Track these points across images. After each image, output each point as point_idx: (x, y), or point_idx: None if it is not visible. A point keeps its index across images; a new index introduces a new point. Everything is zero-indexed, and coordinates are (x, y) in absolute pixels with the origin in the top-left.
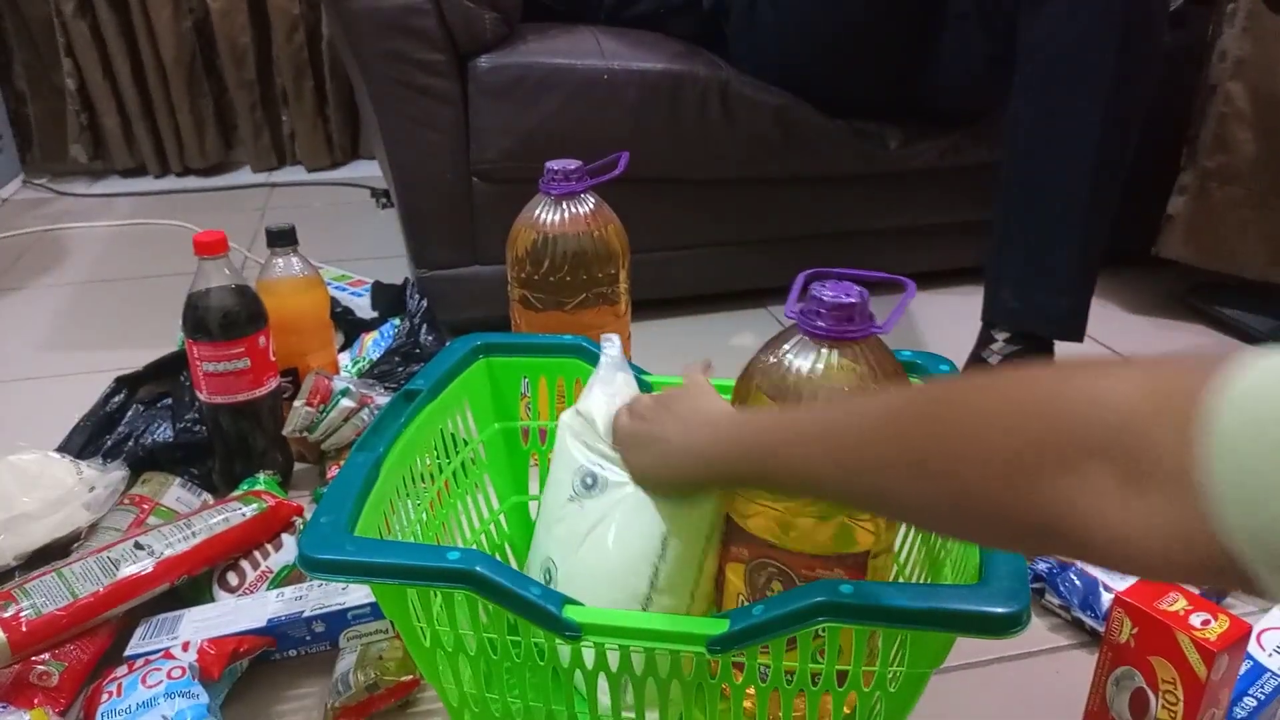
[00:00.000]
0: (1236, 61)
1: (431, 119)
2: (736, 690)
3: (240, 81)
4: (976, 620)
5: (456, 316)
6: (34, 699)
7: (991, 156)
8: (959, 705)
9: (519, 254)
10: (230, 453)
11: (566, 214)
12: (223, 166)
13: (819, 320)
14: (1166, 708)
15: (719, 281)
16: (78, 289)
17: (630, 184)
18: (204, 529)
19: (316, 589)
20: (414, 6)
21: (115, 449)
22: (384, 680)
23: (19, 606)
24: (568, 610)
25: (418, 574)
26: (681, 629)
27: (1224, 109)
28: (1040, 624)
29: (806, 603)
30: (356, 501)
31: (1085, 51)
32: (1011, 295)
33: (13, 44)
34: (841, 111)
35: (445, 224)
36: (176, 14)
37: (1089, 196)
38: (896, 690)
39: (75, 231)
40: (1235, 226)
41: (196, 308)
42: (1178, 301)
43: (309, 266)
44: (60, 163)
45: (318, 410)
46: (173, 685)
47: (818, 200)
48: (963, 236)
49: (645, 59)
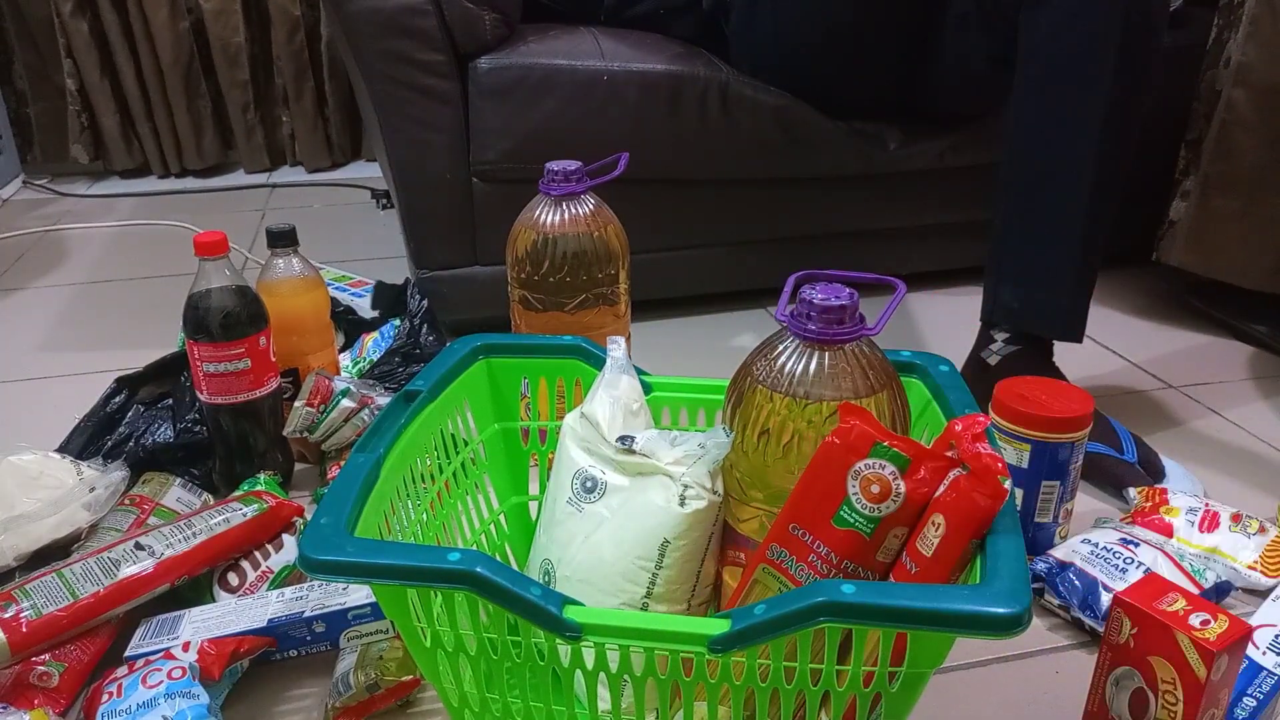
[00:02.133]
0: (1239, 67)
1: (432, 119)
2: (736, 690)
3: (233, 82)
4: (977, 620)
5: (457, 317)
6: (34, 700)
7: (990, 157)
8: (959, 705)
9: (519, 254)
10: (231, 453)
11: (566, 214)
12: (223, 167)
13: (809, 323)
14: (1166, 708)
15: (718, 282)
16: (78, 290)
17: (630, 184)
18: (204, 529)
19: (317, 589)
20: (414, 7)
21: (116, 449)
22: (384, 680)
23: (19, 607)
24: (568, 611)
25: (418, 575)
26: (683, 629)
27: (1225, 115)
28: (1039, 624)
29: (807, 603)
30: (357, 502)
31: (1085, 52)
32: (1011, 295)
33: (13, 44)
34: (841, 112)
35: (445, 224)
36: (174, 15)
37: (1088, 197)
38: (896, 690)
39: (76, 232)
40: (1235, 235)
41: (197, 308)
42: (1178, 302)
43: (309, 267)
44: (60, 163)
45: (318, 411)
46: (173, 685)
47: (817, 200)
48: (962, 236)
49: (645, 60)
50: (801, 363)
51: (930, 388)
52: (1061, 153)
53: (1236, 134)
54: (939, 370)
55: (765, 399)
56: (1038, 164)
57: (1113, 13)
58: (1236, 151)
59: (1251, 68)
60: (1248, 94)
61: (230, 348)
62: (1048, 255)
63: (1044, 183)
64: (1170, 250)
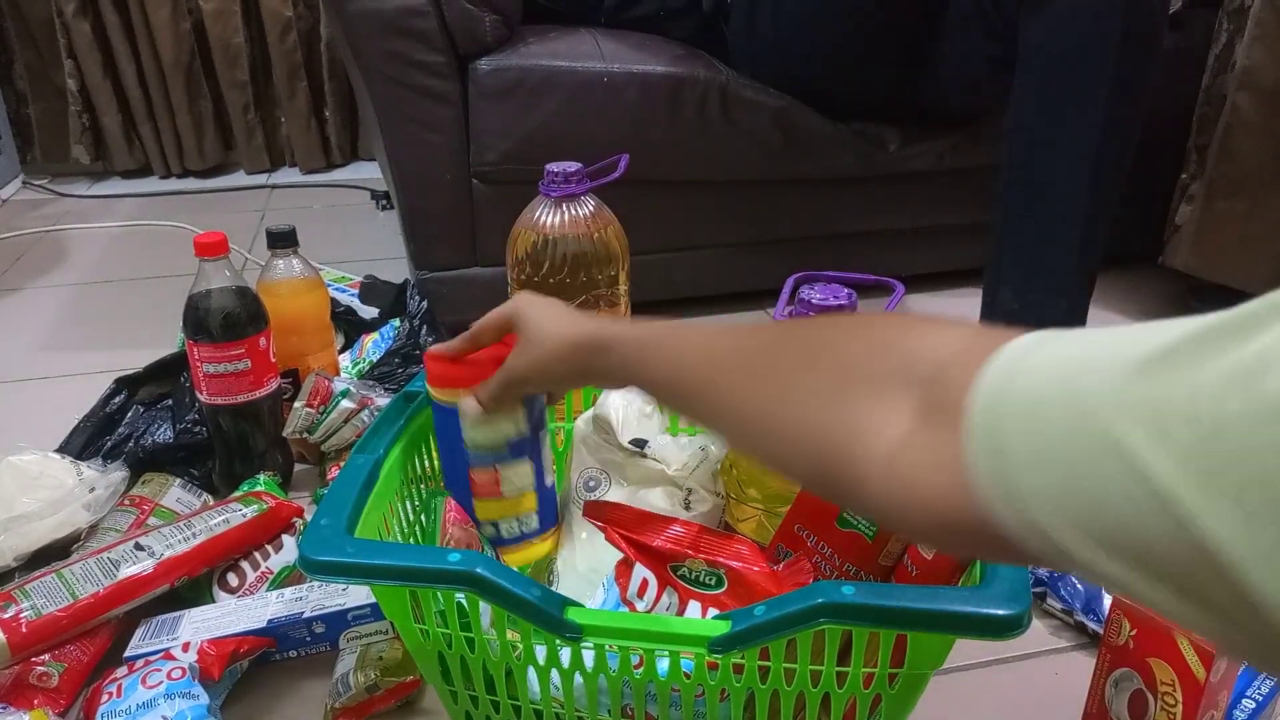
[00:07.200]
0: (1244, 70)
1: (432, 120)
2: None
3: (233, 82)
4: (977, 622)
5: (456, 318)
6: (34, 700)
7: (990, 158)
8: (959, 706)
9: (519, 256)
10: (230, 454)
11: (566, 216)
12: (223, 168)
13: None
14: (1165, 710)
15: (719, 283)
16: (78, 290)
17: (630, 186)
18: (204, 530)
19: (316, 590)
20: (414, 8)
21: (115, 450)
22: (384, 681)
23: (19, 607)
24: (569, 611)
25: (418, 576)
26: (683, 630)
27: (1230, 119)
28: (1040, 626)
29: (808, 604)
30: (356, 503)
31: (1085, 54)
32: (1011, 296)
33: (14, 44)
34: (841, 113)
35: (445, 225)
36: (175, 15)
37: (1089, 198)
38: (897, 691)
39: (75, 232)
40: (1239, 239)
41: (197, 309)
42: (1178, 304)
43: (309, 268)
44: (60, 163)
45: (318, 411)
46: (173, 686)
47: (817, 202)
48: (962, 238)
49: (645, 61)
50: None
51: None
52: (1061, 154)
53: (1240, 137)
54: None
55: None
56: (1037, 165)
57: (1113, 14)
58: (1240, 154)
59: (1256, 71)
60: (1252, 97)
61: (230, 348)
62: (1047, 257)
63: (1043, 185)
64: (1176, 254)
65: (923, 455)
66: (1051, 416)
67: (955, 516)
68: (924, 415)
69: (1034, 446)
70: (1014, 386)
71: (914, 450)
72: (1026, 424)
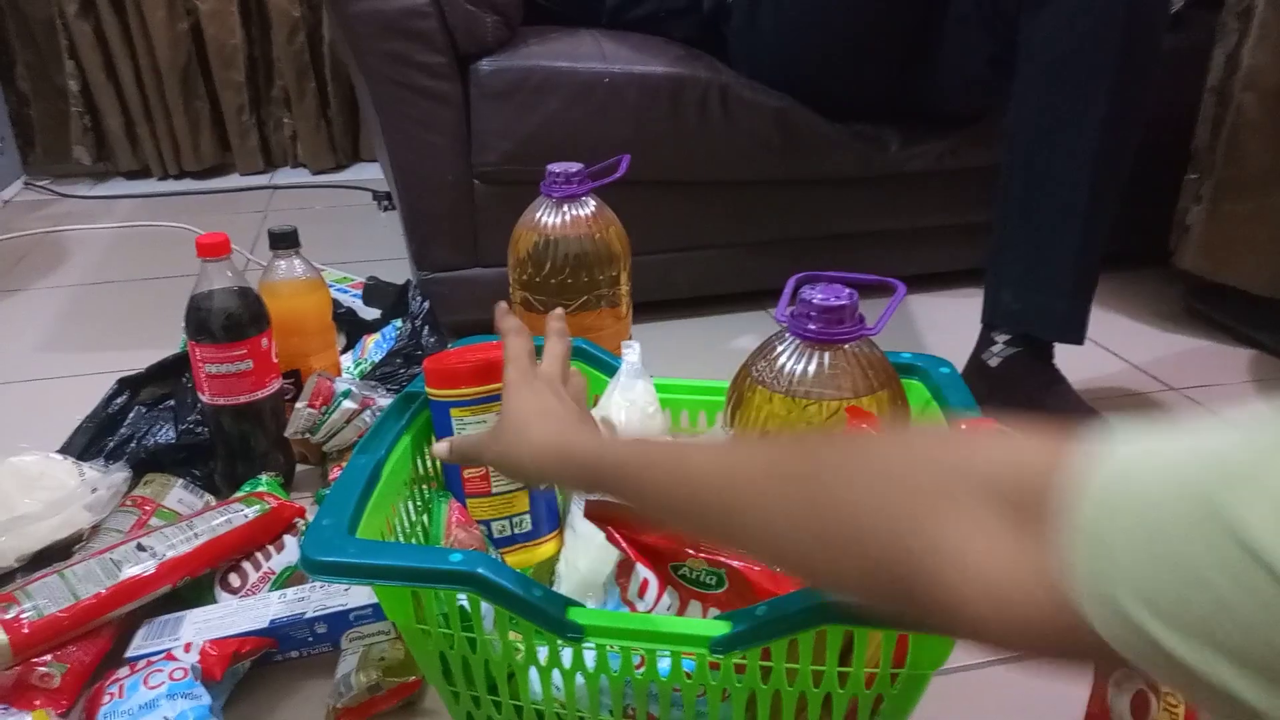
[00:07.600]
0: (1249, 70)
1: (433, 121)
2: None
3: (228, 83)
4: None
5: (458, 318)
6: (35, 700)
7: (991, 158)
8: (959, 706)
9: (520, 256)
10: (232, 454)
11: (568, 216)
12: (223, 168)
13: (809, 323)
14: (1168, 710)
15: (720, 283)
16: (80, 291)
17: (631, 186)
18: (206, 530)
19: (318, 590)
20: (415, 9)
21: (117, 450)
22: (386, 681)
23: (21, 608)
24: (571, 612)
25: (420, 576)
26: (684, 630)
27: (1235, 119)
28: None
29: (809, 604)
30: (358, 503)
31: (1085, 54)
32: (1012, 297)
33: (15, 45)
34: (841, 114)
35: (447, 226)
36: (172, 16)
37: (1089, 198)
38: (898, 691)
39: (77, 233)
40: (1245, 240)
41: (199, 309)
42: (1180, 305)
43: (311, 269)
44: (62, 164)
45: (320, 412)
46: (174, 686)
47: (818, 202)
48: (962, 238)
49: (646, 62)
50: (801, 363)
51: (930, 389)
52: (1061, 155)
53: (1246, 139)
54: (939, 372)
55: (764, 399)
56: (1038, 166)
57: (1113, 14)
58: (1245, 156)
59: (1261, 71)
60: (1258, 97)
61: (232, 349)
62: (1048, 257)
63: (1044, 185)
64: (1185, 255)
65: (1020, 573)
66: (1165, 519)
67: (1060, 635)
68: (1012, 519)
69: (1153, 552)
70: (1126, 490)
71: (1011, 567)
72: (1139, 530)
